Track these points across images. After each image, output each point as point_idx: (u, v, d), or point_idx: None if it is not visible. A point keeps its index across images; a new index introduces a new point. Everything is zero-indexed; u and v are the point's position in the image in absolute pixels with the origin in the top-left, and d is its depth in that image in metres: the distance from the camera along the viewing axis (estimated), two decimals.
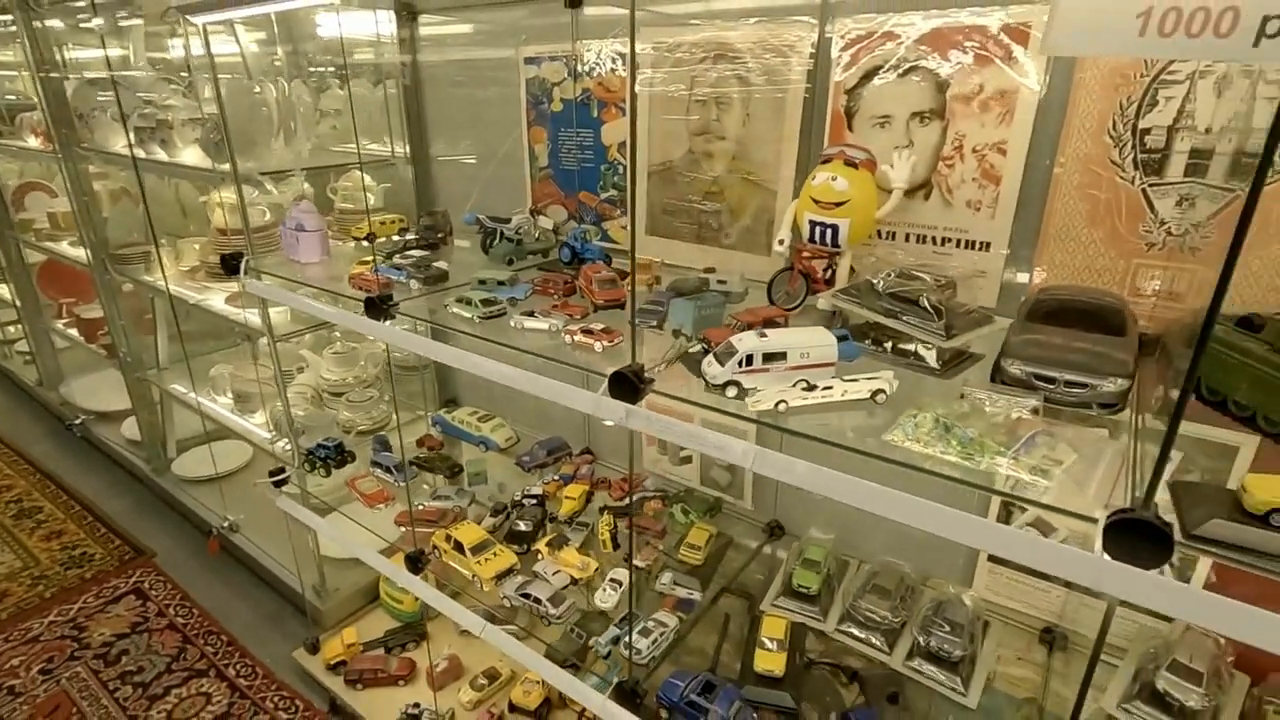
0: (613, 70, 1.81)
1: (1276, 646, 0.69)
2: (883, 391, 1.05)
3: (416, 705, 2.17)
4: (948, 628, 1.45)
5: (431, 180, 2.45)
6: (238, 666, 2.46)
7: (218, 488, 3.14)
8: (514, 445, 2.29)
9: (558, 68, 1.91)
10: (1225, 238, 1.19)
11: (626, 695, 1.38)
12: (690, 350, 1.24)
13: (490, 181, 2.24)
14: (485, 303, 1.43)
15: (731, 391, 1.07)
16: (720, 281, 1.51)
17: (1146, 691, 1.25)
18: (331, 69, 2.61)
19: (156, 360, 3.23)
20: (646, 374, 1.12)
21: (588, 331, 1.30)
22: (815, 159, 1.36)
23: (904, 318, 1.16)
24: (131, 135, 2.49)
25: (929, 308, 1.14)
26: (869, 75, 1.43)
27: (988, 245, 1.39)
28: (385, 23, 2.22)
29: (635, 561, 1.76)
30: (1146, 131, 1.19)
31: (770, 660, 1.43)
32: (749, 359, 1.06)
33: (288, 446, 2.37)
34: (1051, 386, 1.00)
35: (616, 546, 1.85)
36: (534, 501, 1.98)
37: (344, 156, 2.54)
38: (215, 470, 3.17)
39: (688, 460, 2.07)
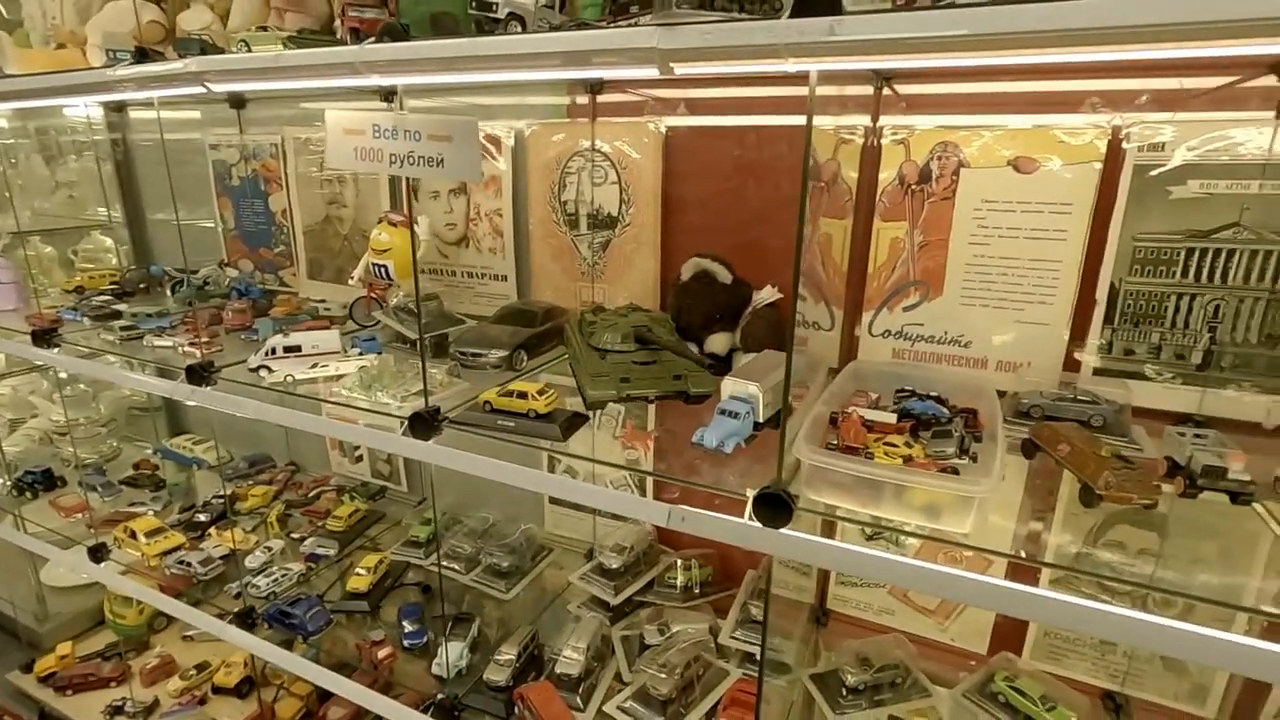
0: (271, 155, 2.36)
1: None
2: (365, 367, 1.62)
3: (123, 699, 2.44)
4: (502, 552, 2.02)
5: (149, 241, 2.86)
6: None
7: None
8: (226, 463, 2.68)
9: (232, 152, 2.44)
10: (615, 265, 1.87)
11: (242, 618, 1.83)
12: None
13: (196, 241, 2.69)
14: (125, 329, 1.89)
15: (262, 372, 1.60)
16: (327, 308, 2.06)
17: (598, 567, 1.88)
18: (52, 145, 2.96)
19: None
20: (214, 369, 1.64)
21: (193, 344, 1.79)
22: None
23: (403, 322, 1.77)
24: None
25: (411, 314, 1.75)
26: None
27: (505, 277, 2.05)
28: (95, 108, 2.65)
29: (293, 535, 2.22)
30: (565, 203, 1.90)
31: (358, 582, 1.93)
32: (273, 350, 1.61)
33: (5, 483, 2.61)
34: (463, 356, 1.63)
35: (285, 528, 2.29)
36: (220, 500, 2.38)
37: (76, 221, 2.89)
38: None
39: (360, 459, 2.56)
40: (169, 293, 2.35)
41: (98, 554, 2.14)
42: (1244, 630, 0.86)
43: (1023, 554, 1.09)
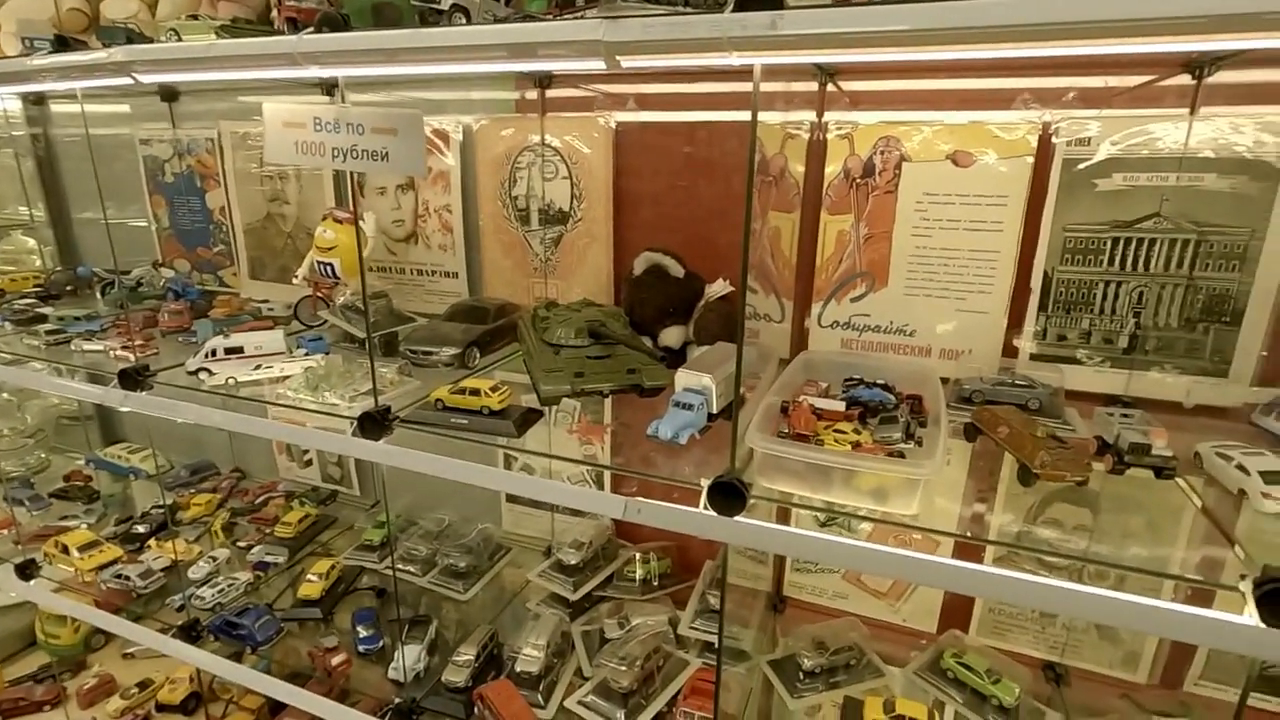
0: (207, 150, 2.27)
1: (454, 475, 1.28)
2: (312, 368, 1.58)
3: None
4: (459, 552, 1.99)
5: (76, 241, 2.72)
6: None
7: None
8: (166, 471, 2.58)
9: (165, 147, 2.33)
10: (568, 260, 1.85)
11: (186, 631, 1.76)
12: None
13: (128, 241, 2.57)
14: (50, 333, 1.79)
15: (202, 375, 1.55)
16: (270, 309, 2.00)
17: (556, 564, 1.88)
18: None
19: None
20: (150, 372, 1.57)
21: (126, 347, 1.71)
22: None
23: (351, 321, 1.73)
24: None
25: (359, 313, 1.71)
26: None
27: (456, 274, 2.02)
28: (12, 100, 2.50)
29: (239, 543, 2.15)
30: (516, 198, 1.88)
31: (310, 589, 1.88)
32: (213, 352, 1.55)
33: None
34: (414, 354, 1.60)
35: (230, 536, 2.22)
36: (160, 511, 2.29)
37: None
38: None
39: (310, 463, 2.49)
40: (99, 295, 2.24)
41: (26, 571, 2.03)
42: (1170, 597, 0.91)
43: (968, 534, 1.13)
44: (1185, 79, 1.24)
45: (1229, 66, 1.20)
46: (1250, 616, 0.80)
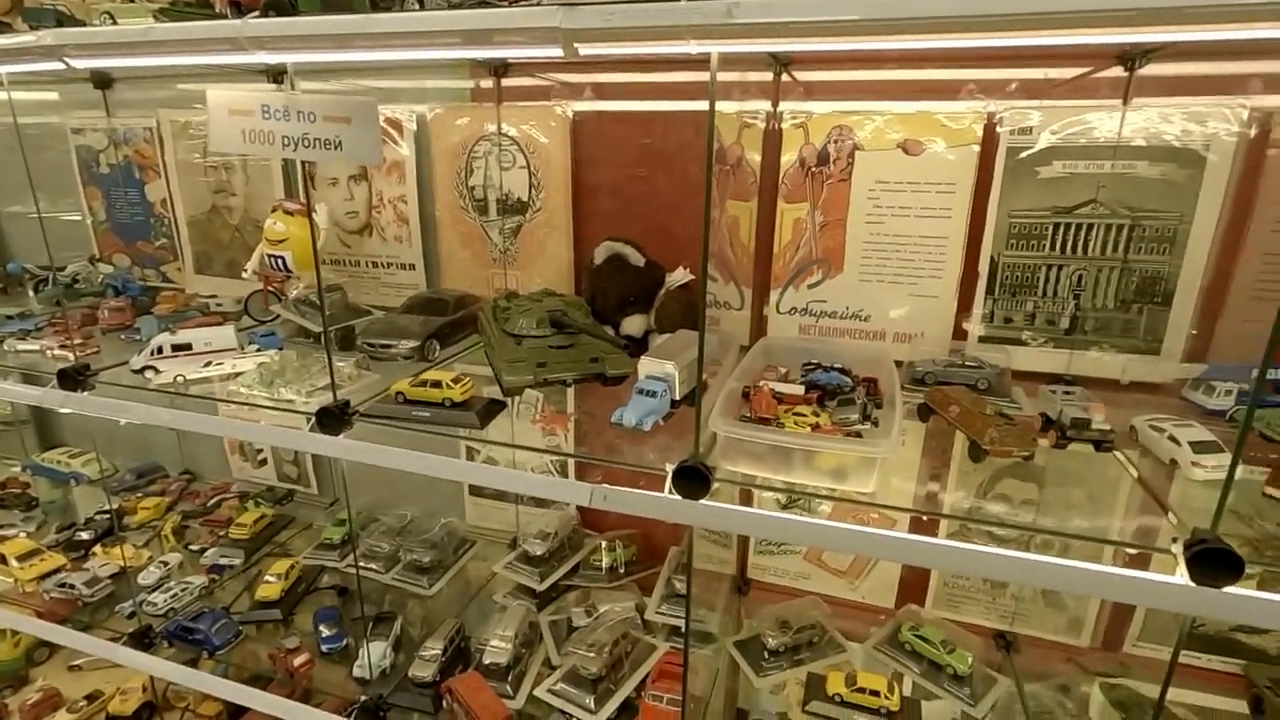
0: (146, 140, 2.18)
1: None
2: (265, 363, 1.54)
3: None
4: (422, 547, 1.97)
5: (4, 236, 2.58)
6: None
7: None
8: (111, 475, 2.48)
9: (100, 137, 2.23)
10: (528, 250, 1.84)
11: (137, 638, 1.70)
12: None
13: (61, 235, 2.45)
14: None
15: (149, 374, 1.49)
16: (219, 304, 1.94)
17: (522, 555, 1.87)
18: None
19: None
20: (91, 372, 1.51)
21: (65, 346, 1.64)
22: None
23: (305, 315, 1.68)
24: None
25: (313, 306, 1.67)
26: None
27: (412, 266, 1.98)
28: None
29: (191, 547, 2.08)
30: (473, 188, 1.86)
31: (268, 590, 1.84)
32: (159, 349, 1.49)
33: None
34: (372, 348, 1.57)
35: (181, 540, 2.15)
36: (105, 516, 2.20)
37: None
38: None
39: (264, 463, 2.43)
40: (31, 292, 2.14)
41: None
42: (1110, 561, 0.96)
43: (924, 510, 1.17)
44: (1118, 71, 1.30)
45: (1158, 59, 1.26)
46: (1181, 576, 0.85)
